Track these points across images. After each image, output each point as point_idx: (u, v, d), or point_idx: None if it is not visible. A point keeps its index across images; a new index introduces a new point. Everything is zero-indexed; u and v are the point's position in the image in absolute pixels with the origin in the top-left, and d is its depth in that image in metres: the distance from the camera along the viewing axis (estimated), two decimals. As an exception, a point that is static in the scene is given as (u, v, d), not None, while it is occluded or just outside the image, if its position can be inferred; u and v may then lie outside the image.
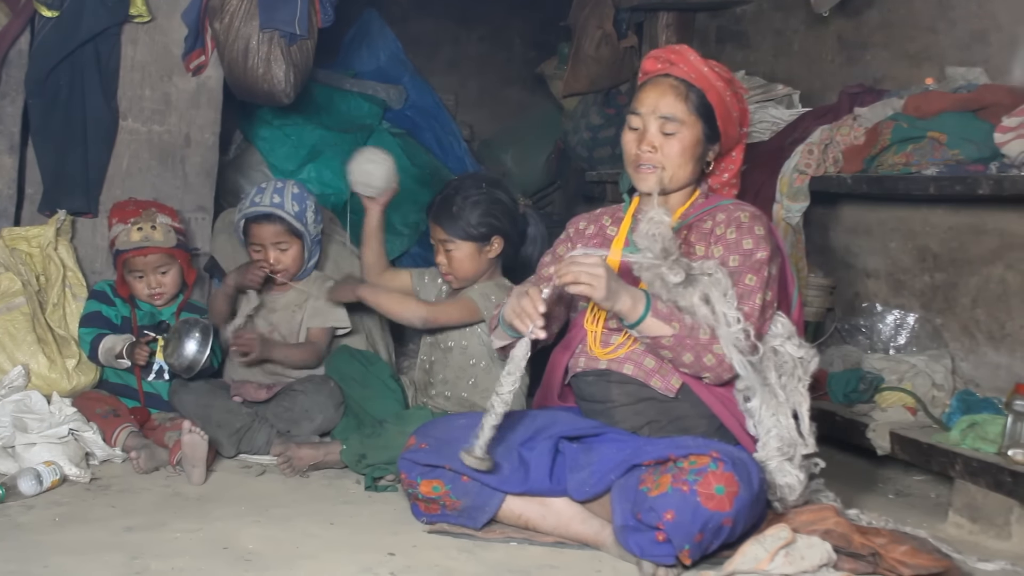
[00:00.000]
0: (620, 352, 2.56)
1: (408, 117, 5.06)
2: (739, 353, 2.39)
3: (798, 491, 2.45)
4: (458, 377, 3.17)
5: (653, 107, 2.57)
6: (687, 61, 2.59)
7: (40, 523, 2.48)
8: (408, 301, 3.18)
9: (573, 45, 5.07)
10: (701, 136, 2.57)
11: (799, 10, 4.19)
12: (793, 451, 2.45)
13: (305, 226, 3.33)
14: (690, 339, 2.41)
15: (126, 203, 3.44)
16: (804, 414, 2.48)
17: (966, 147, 3.03)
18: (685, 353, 2.44)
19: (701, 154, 2.59)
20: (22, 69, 3.49)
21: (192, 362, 3.15)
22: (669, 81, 2.59)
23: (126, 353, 3.20)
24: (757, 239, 2.49)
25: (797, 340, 2.51)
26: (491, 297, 3.12)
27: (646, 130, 2.58)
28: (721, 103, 2.57)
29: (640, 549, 2.28)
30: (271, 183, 3.40)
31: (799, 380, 2.49)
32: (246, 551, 2.34)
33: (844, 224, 3.92)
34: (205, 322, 3.22)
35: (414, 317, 3.13)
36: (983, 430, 2.80)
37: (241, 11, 3.56)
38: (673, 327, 2.42)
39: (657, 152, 2.55)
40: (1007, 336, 3.26)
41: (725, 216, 2.55)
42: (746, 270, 2.46)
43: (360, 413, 3.16)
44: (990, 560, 2.48)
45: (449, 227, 3.15)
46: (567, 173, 5.53)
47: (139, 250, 3.29)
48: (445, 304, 3.17)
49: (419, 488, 2.52)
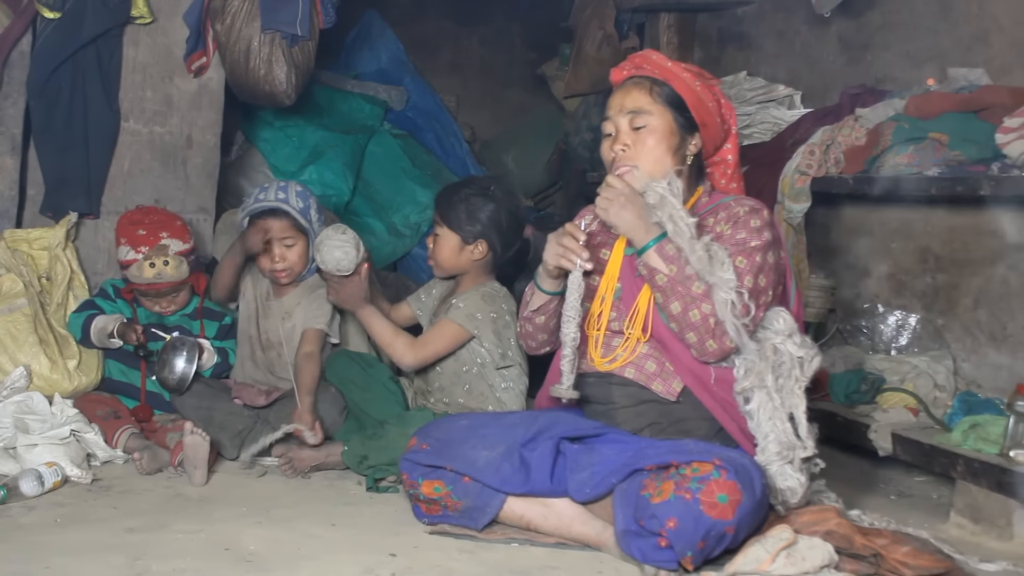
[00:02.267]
0: (618, 364, 2.56)
1: (409, 118, 5.06)
2: (732, 318, 2.38)
3: (800, 494, 2.44)
4: (453, 384, 3.17)
5: (620, 106, 2.59)
6: (650, 60, 2.62)
7: (41, 524, 2.48)
8: (398, 339, 3.12)
9: (574, 46, 5.08)
10: (674, 125, 2.57)
11: (800, 11, 4.19)
12: (792, 454, 2.44)
13: (310, 223, 3.33)
14: (682, 287, 2.42)
15: (135, 219, 3.38)
16: (801, 416, 2.46)
17: (967, 148, 3.03)
18: (674, 300, 2.44)
19: (678, 144, 2.58)
20: (24, 70, 3.50)
21: (181, 378, 3.17)
22: (633, 80, 2.62)
23: (118, 333, 3.19)
24: (751, 230, 2.49)
25: (798, 338, 2.49)
26: (477, 316, 3.11)
27: (618, 130, 2.59)
28: (690, 91, 2.57)
29: (642, 554, 2.28)
30: (274, 182, 3.39)
31: (796, 381, 2.47)
32: (247, 552, 2.34)
33: (845, 225, 3.92)
34: (193, 340, 3.24)
35: (400, 362, 3.13)
36: (985, 431, 2.80)
37: (243, 12, 3.56)
38: (671, 269, 2.44)
39: (630, 149, 2.56)
40: (1009, 337, 3.26)
41: (726, 213, 2.56)
42: (736, 254, 2.46)
43: (361, 415, 3.16)
44: (992, 561, 2.48)
45: (443, 212, 3.19)
46: (568, 174, 5.53)
47: (152, 284, 3.30)
48: (432, 338, 3.13)
49: (420, 489, 2.52)
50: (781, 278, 2.57)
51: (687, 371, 2.51)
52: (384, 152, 4.76)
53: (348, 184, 4.51)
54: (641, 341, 2.54)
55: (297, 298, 3.39)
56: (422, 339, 3.16)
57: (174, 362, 3.18)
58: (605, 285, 2.62)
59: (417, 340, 3.15)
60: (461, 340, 3.12)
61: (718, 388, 2.50)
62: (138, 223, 3.36)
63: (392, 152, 4.79)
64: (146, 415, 3.23)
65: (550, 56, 5.69)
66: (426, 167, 4.83)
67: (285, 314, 3.38)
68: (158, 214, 3.45)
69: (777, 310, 2.52)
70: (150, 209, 3.51)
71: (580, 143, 5.25)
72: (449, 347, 3.12)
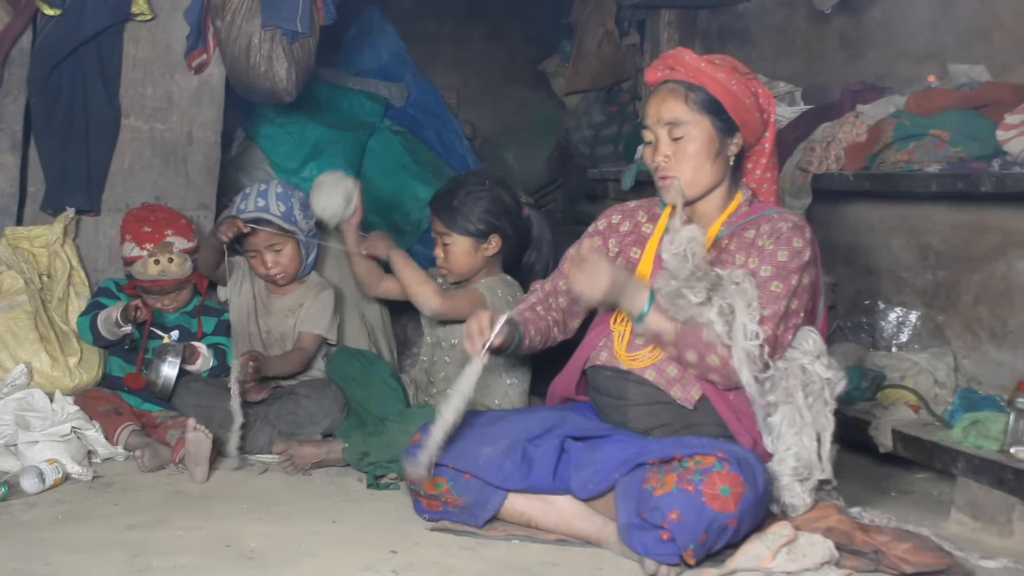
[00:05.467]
0: (644, 363, 2.54)
1: (410, 115, 5.05)
2: (749, 368, 2.35)
3: (800, 511, 2.44)
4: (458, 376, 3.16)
5: (657, 116, 2.55)
6: (683, 62, 2.56)
7: (42, 521, 2.48)
8: (427, 285, 3.10)
9: (575, 43, 5.07)
10: (714, 132, 2.53)
11: (801, 7, 4.18)
12: (808, 472, 2.43)
13: (295, 224, 3.31)
14: (691, 337, 2.40)
15: (140, 216, 3.40)
16: (827, 439, 2.44)
17: (968, 144, 3.02)
18: (688, 351, 2.43)
19: (719, 150, 2.54)
20: (24, 67, 3.49)
21: (164, 384, 3.19)
22: (668, 86, 2.57)
23: (121, 317, 3.18)
24: (793, 251, 2.45)
25: (826, 360, 2.46)
26: (497, 291, 3.11)
27: (658, 140, 2.56)
28: (727, 93, 2.52)
29: (644, 548, 2.28)
30: (254, 187, 3.38)
31: (825, 403, 2.44)
32: (248, 549, 2.34)
33: (846, 222, 3.91)
34: (180, 346, 3.25)
35: (426, 305, 3.10)
36: (985, 428, 2.80)
37: (243, 9, 3.55)
38: (675, 324, 2.41)
39: (671, 160, 2.53)
40: (1009, 333, 3.26)
41: (769, 227, 2.50)
42: (774, 277, 2.43)
43: (362, 412, 3.16)
44: (992, 558, 2.48)
45: (448, 221, 3.15)
46: (569, 171, 5.52)
47: (156, 282, 3.30)
48: (458, 297, 3.12)
49: (422, 485, 2.52)
50: (813, 296, 2.54)
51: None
52: (385, 149, 4.76)
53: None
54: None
55: (301, 297, 3.39)
56: (451, 293, 3.15)
57: (160, 367, 3.19)
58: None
59: (445, 292, 3.14)
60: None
61: (735, 399, 2.49)
62: (143, 220, 3.37)
63: (393, 149, 4.78)
64: (137, 384, 3.24)
65: (551, 53, 5.68)
66: (427, 164, 4.82)
67: (289, 311, 3.39)
68: (163, 212, 3.46)
69: (807, 330, 2.49)
70: (155, 207, 3.52)
71: (581, 140, 5.25)
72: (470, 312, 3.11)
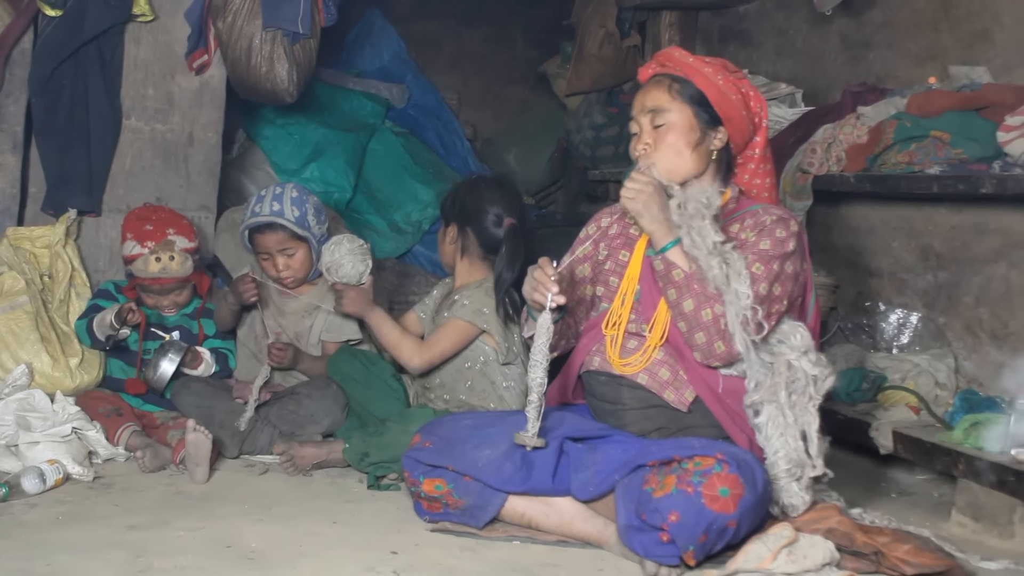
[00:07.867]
0: (636, 368, 2.55)
1: (411, 116, 5.06)
2: (743, 330, 2.37)
3: (801, 510, 2.44)
4: (455, 380, 3.17)
5: (641, 105, 2.61)
6: (673, 58, 2.62)
7: (43, 521, 2.48)
8: (405, 343, 3.13)
9: (576, 44, 5.08)
10: (695, 121, 2.56)
11: (802, 9, 4.19)
12: (801, 471, 2.43)
13: (308, 229, 3.31)
14: (698, 284, 2.41)
15: (142, 215, 3.41)
16: (813, 435, 2.44)
17: (969, 146, 3.02)
18: (687, 298, 2.43)
19: (700, 140, 2.56)
20: (25, 68, 3.50)
21: (160, 378, 3.21)
22: (655, 79, 2.63)
23: (115, 319, 3.17)
24: (776, 240, 2.47)
25: (814, 356, 2.46)
26: (484, 310, 3.11)
27: (641, 129, 2.60)
28: (712, 86, 2.56)
29: (644, 549, 2.28)
30: (269, 190, 3.36)
31: (810, 399, 2.44)
32: (249, 549, 2.34)
33: (847, 223, 3.91)
34: (184, 345, 3.27)
35: (408, 363, 3.14)
36: (986, 429, 2.80)
37: (244, 10, 3.56)
38: (690, 266, 2.43)
39: (650, 147, 2.56)
40: (1010, 335, 3.26)
41: (753, 220, 2.53)
42: (755, 261, 2.44)
43: (362, 413, 3.16)
44: (993, 559, 2.48)
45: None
46: (570, 172, 5.53)
47: (156, 279, 3.31)
48: (439, 338, 3.13)
49: (422, 487, 2.52)
50: (800, 290, 2.54)
51: (700, 380, 2.50)
52: (385, 150, 4.76)
53: (349, 182, 4.51)
54: (657, 346, 2.53)
55: (317, 298, 3.38)
56: (429, 341, 3.16)
57: (159, 362, 3.22)
58: (625, 286, 2.61)
59: (424, 342, 3.16)
60: (469, 337, 3.12)
61: (728, 399, 2.49)
62: (145, 219, 3.38)
63: (393, 150, 4.79)
64: (139, 390, 3.24)
65: (552, 54, 5.68)
66: (427, 165, 4.83)
67: (305, 312, 3.39)
68: (165, 212, 3.47)
69: (795, 325, 2.49)
70: (157, 207, 3.53)
71: (581, 141, 5.25)
72: (456, 346, 3.13)
